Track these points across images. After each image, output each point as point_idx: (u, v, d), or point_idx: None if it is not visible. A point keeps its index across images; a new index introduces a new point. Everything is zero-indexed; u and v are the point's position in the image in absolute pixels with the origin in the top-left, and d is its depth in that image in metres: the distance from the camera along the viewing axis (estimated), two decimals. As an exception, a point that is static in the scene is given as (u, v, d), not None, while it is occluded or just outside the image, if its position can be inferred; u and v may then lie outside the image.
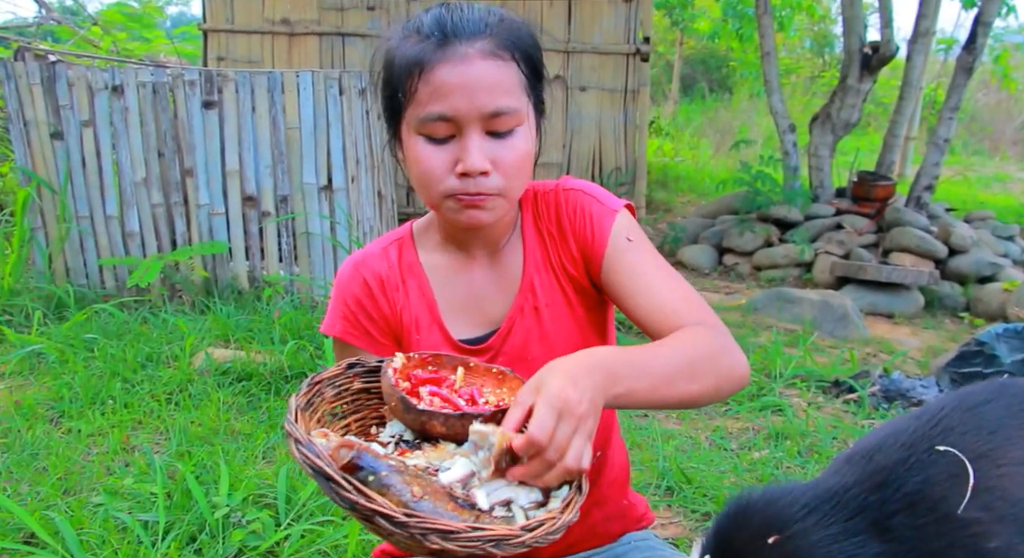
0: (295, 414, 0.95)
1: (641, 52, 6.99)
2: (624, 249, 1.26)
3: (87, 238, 4.66)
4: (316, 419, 1.05)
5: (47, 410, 3.28)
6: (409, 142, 1.19)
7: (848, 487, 0.97)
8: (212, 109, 4.45)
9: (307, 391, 1.04)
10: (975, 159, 14.04)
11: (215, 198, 4.57)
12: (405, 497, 0.83)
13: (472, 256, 1.33)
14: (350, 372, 1.14)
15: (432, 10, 1.18)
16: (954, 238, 5.89)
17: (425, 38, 1.15)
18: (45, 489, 2.61)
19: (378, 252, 1.35)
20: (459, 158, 1.14)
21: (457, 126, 1.14)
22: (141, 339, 3.89)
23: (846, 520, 0.94)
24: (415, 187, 1.24)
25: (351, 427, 1.12)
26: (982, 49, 6.26)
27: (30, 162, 4.53)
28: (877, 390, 3.70)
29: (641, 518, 1.53)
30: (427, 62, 1.13)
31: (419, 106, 1.14)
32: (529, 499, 0.91)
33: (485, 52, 1.13)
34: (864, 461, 1.02)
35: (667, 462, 2.91)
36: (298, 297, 4.52)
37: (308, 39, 7.22)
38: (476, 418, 0.99)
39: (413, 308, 1.32)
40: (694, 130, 13.75)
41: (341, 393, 1.12)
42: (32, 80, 4.42)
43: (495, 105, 1.13)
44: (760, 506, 0.99)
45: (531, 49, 1.19)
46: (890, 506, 0.94)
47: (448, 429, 1.01)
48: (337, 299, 1.34)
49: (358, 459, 0.85)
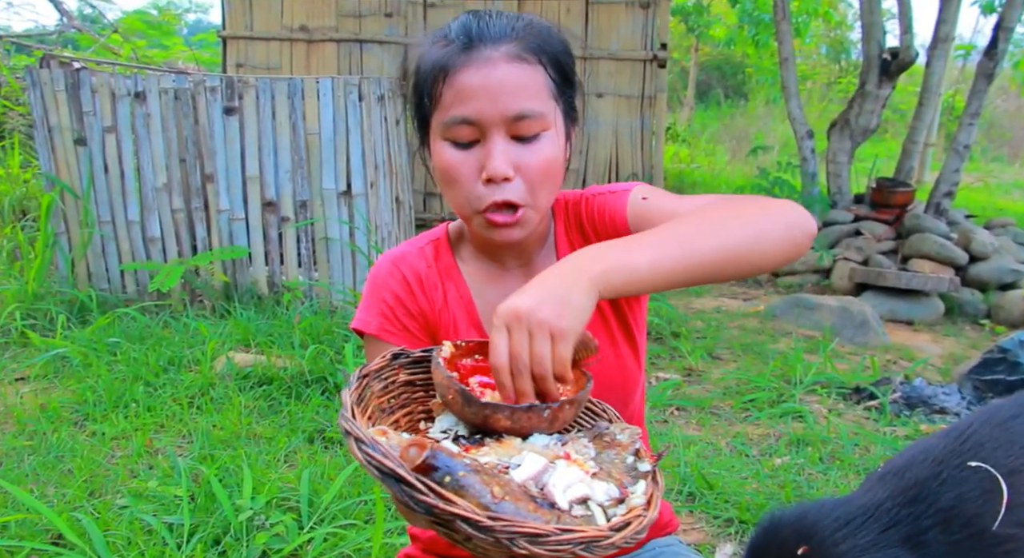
0: (351, 410, 0.88)
1: (658, 58, 6.99)
2: (642, 207, 1.23)
3: (109, 243, 4.70)
4: (367, 416, 0.98)
5: (71, 413, 3.31)
6: (436, 148, 1.18)
7: (880, 502, 0.96)
8: (233, 115, 4.49)
9: (357, 385, 0.97)
10: (994, 166, 13.96)
11: (235, 203, 4.60)
12: (485, 499, 0.76)
13: (506, 267, 1.32)
14: (395, 363, 1.07)
15: (460, 17, 1.18)
16: (975, 244, 5.85)
17: (450, 43, 1.14)
18: (71, 491, 2.63)
19: (415, 251, 1.33)
20: (483, 164, 1.13)
21: (481, 130, 1.12)
22: (163, 343, 3.92)
23: (878, 533, 0.93)
24: (444, 194, 1.22)
25: (400, 423, 1.05)
26: (1003, 54, 6.23)
27: (54, 168, 4.58)
28: (898, 397, 3.68)
29: (666, 524, 1.53)
30: (451, 66, 1.12)
31: (443, 110, 1.13)
32: (607, 495, 0.86)
33: (510, 55, 1.12)
34: (896, 478, 1.01)
35: (688, 468, 2.90)
36: (317, 302, 4.54)
37: (326, 46, 7.26)
38: (544, 410, 0.94)
39: (452, 310, 1.30)
40: (710, 136, 13.74)
41: (388, 386, 1.05)
42: (57, 87, 4.47)
43: (519, 108, 1.11)
44: (791, 519, 0.98)
45: (560, 54, 1.18)
46: (923, 521, 0.93)
47: (514, 423, 0.95)
48: (373, 295, 1.30)
49: (432, 458, 0.77)
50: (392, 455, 0.77)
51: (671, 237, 1.01)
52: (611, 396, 1.30)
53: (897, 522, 0.94)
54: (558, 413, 0.95)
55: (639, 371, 1.37)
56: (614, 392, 1.31)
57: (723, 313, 5.44)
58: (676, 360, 4.29)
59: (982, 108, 6.38)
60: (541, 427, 0.97)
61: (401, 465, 0.76)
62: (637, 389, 1.38)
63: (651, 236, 1.02)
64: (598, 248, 1.00)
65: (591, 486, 0.86)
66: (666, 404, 3.63)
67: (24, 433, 3.12)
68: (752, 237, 1.04)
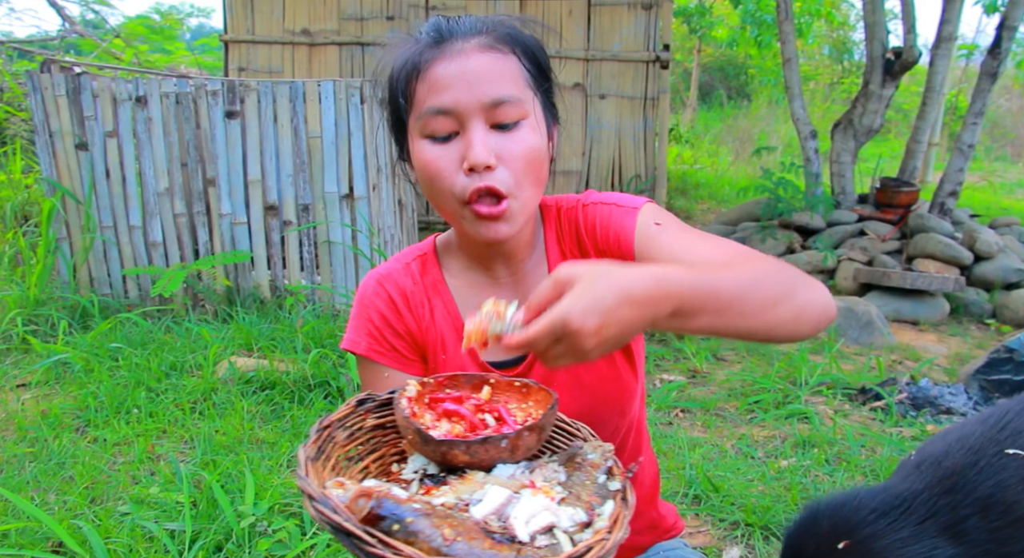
0: (305, 466, 0.87)
1: (661, 59, 6.97)
2: (654, 234, 1.19)
3: (111, 248, 4.69)
4: (331, 467, 0.97)
5: (73, 419, 3.29)
6: (415, 149, 1.14)
7: (918, 492, 0.96)
8: (234, 119, 4.48)
9: (316, 438, 0.96)
10: (997, 165, 13.92)
11: (237, 207, 4.59)
12: (436, 542, 0.75)
13: (496, 277, 1.28)
14: (361, 409, 1.06)
15: (430, 19, 1.16)
16: (979, 244, 5.82)
17: (419, 42, 1.13)
18: (72, 498, 2.62)
19: (401, 268, 1.30)
20: (463, 154, 1.10)
21: (459, 120, 1.09)
22: (165, 348, 3.91)
23: (917, 524, 0.92)
24: (428, 197, 1.18)
25: (370, 469, 1.04)
26: (1007, 53, 6.20)
27: (55, 173, 4.57)
28: (905, 398, 3.65)
29: (671, 527, 1.51)
30: (423, 61, 1.11)
31: (419, 106, 1.11)
32: (572, 520, 0.84)
33: (482, 46, 1.11)
34: (933, 467, 1.01)
35: (694, 470, 2.88)
36: (320, 306, 4.53)
37: (328, 49, 7.25)
38: (501, 440, 0.93)
39: (439, 327, 1.27)
40: (713, 137, 13.71)
41: (354, 434, 1.04)
42: (57, 91, 4.46)
43: (496, 93, 1.09)
44: (829, 512, 0.97)
45: (532, 46, 1.16)
46: (962, 510, 0.93)
47: (472, 457, 0.94)
48: (360, 315, 1.28)
49: (379, 508, 0.77)
50: (342, 509, 0.77)
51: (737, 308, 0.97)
52: (607, 409, 1.29)
53: (935, 512, 0.93)
54: (517, 441, 0.94)
55: (636, 381, 1.33)
56: (610, 405, 1.29)
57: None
58: (681, 362, 4.27)
59: (986, 107, 6.35)
60: (502, 457, 0.95)
61: (349, 519, 0.76)
62: (634, 399, 1.34)
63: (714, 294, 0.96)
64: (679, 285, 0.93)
65: (556, 513, 0.85)
66: (671, 406, 3.61)
67: (25, 440, 3.11)
68: (796, 316, 1.02)
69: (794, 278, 1.04)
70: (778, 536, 2.55)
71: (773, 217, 6.67)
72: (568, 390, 1.25)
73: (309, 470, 0.88)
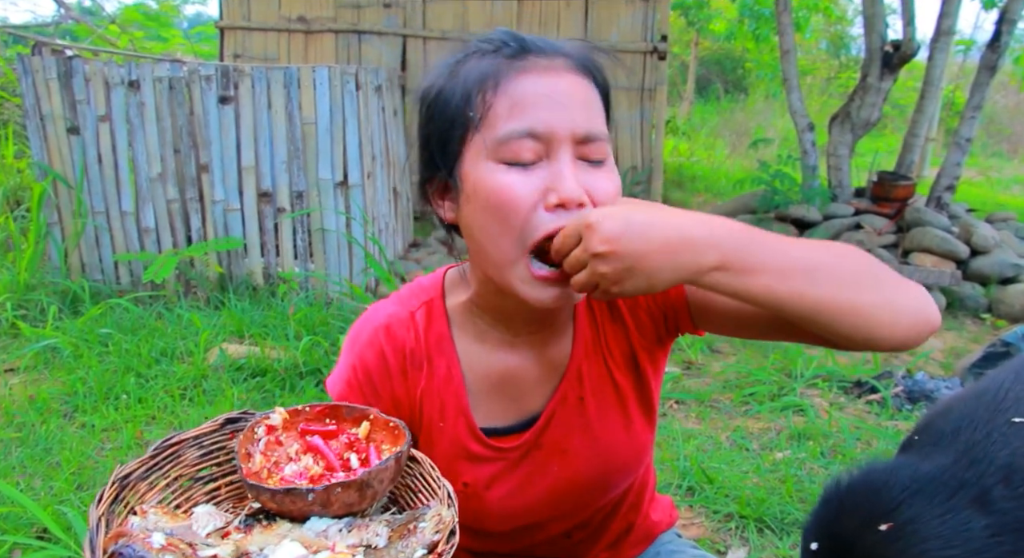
0: (111, 486, 0.84)
1: (658, 50, 6.94)
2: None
3: (103, 233, 4.65)
4: (166, 486, 0.93)
5: (61, 405, 3.26)
6: (480, 173, 0.96)
7: (944, 467, 0.96)
8: (228, 104, 4.43)
9: (151, 456, 0.92)
10: (993, 161, 13.91)
11: (230, 194, 4.55)
12: None
13: (514, 335, 1.13)
14: (228, 429, 1.00)
15: (494, 32, 1.01)
16: (976, 239, 5.80)
17: (493, 52, 0.98)
18: (58, 484, 2.59)
19: (405, 317, 1.15)
20: (550, 186, 0.93)
21: (546, 147, 0.94)
22: (156, 334, 3.87)
23: (948, 499, 0.92)
24: (482, 239, 0.98)
25: (221, 491, 0.99)
26: (1006, 47, 6.17)
27: (46, 157, 4.52)
28: (900, 391, 3.63)
29: (662, 521, 1.46)
30: (503, 72, 0.95)
31: (496, 125, 0.94)
32: None
33: (569, 66, 0.97)
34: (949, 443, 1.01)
35: (688, 462, 2.86)
36: (313, 293, 4.49)
37: (324, 37, 7.20)
38: (307, 494, 0.86)
39: (437, 392, 1.14)
40: (709, 130, 13.68)
41: (211, 453, 0.98)
42: (49, 75, 4.41)
43: (589, 126, 0.95)
44: (862, 491, 0.98)
45: (607, 83, 1.04)
46: (987, 480, 0.93)
47: (279, 505, 0.88)
48: (348, 358, 1.17)
49: (120, 554, 0.74)
50: (97, 547, 0.75)
51: (804, 266, 0.89)
52: (620, 475, 1.22)
53: (964, 485, 0.93)
54: (328, 497, 0.88)
55: (650, 440, 1.26)
56: (624, 471, 1.22)
57: (723, 307, 5.39)
58: (675, 353, 4.25)
59: (984, 101, 6.33)
60: (312, 511, 0.89)
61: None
62: (645, 458, 1.27)
63: (785, 252, 0.89)
64: (732, 233, 0.87)
65: None
66: (665, 398, 3.58)
67: (12, 425, 3.07)
68: (882, 305, 0.91)
69: (886, 268, 0.95)
70: (773, 528, 2.54)
71: (769, 210, 6.64)
72: (583, 459, 1.17)
73: (106, 493, 0.84)
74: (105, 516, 0.82)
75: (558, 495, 1.18)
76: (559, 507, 1.20)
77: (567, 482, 1.17)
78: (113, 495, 0.85)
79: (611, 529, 1.32)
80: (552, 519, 1.23)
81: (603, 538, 1.33)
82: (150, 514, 0.83)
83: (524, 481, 1.17)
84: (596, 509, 1.26)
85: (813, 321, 0.90)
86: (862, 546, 0.93)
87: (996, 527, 0.90)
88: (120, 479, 0.87)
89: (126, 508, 0.86)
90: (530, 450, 1.16)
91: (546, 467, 1.16)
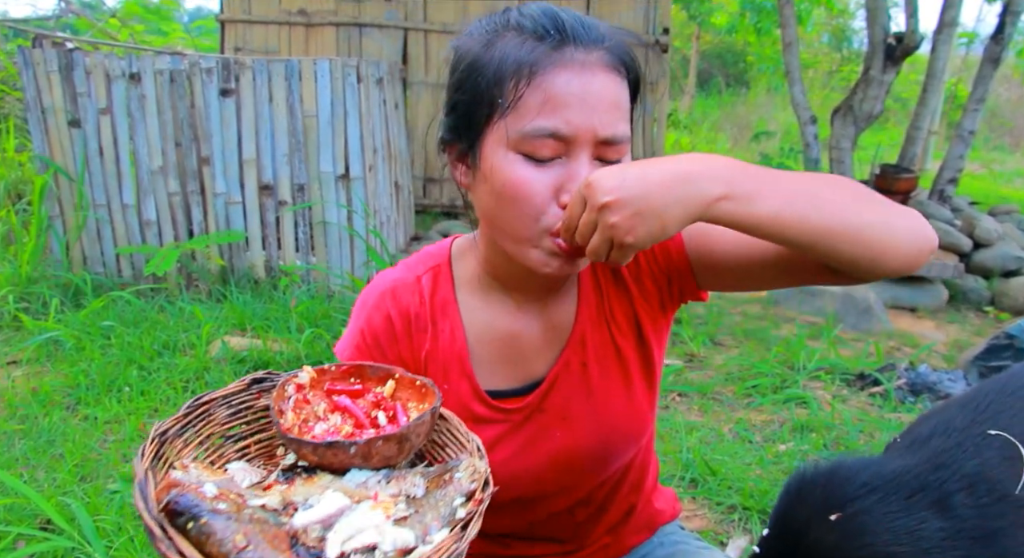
0: (151, 442, 0.84)
1: (660, 43, 6.92)
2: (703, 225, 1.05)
3: (104, 226, 4.65)
4: (199, 443, 0.94)
5: (64, 397, 3.26)
6: (499, 161, 0.98)
7: (908, 468, 0.97)
8: (229, 97, 4.42)
9: (184, 414, 0.93)
10: (996, 154, 13.91)
11: (232, 187, 4.54)
12: (226, 547, 0.72)
13: (519, 301, 1.17)
14: (255, 389, 1.02)
15: (530, 6, 1.01)
16: (978, 231, 5.80)
17: (532, 35, 0.97)
18: (62, 475, 2.59)
19: (411, 281, 1.18)
20: (563, 185, 0.96)
21: (567, 147, 0.96)
22: (158, 327, 3.87)
23: (907, 498, 0.93)
24: (495, 216, 1.03)
25: (251, 449, 1.01)
26: (1009, 39, 6.16)
27: (48, 150, 4.51)
28: (903, 383, 3.63)
29: (664, 512, 1.46)
30: (540, 65, 0.95)
31: (524, 117, 0.95)
32: (395, 545, 0.78)
33: (605, 63, 0.97)
34: (920, 446, 1.02)
35: (691, 454, 2.86)
36: (315, 286, 4.49)
37: (325, 30, 7.18)
38: (350, 447, 0.88)
39: (442, 355, 1.17)
40: (711, 124, 13.68)
41: (240, 412, 1.00)
42: (50, 67, 4.40)
43: (613, 130, 0.96)
44: (821, 483, 0.97)
45: (639, 71, 1.04)
46: (950, 485, 0.93)
47: (320, 458, 0.90)
48: (356, 322, 1.20)
49: (176, 502, 0.73)
50: (150, 497, 0.74)
51: (804, 191, 0.92)
52: (623, 443, 1.23)
53: (924, 487, 0.94)
54: (369, 449, 0.89)
55: (652, 412, 1.27)
56: (626, 440, 1.23)
57: (725, 299, 5.38)
58: (678, 346, 4.24)
59: (987, 94, 6.31)
60: (353, 463, 0.91)
61: (151, 509, 0.73)
62: (650, 426, 1.28)
63: (784, 181, 0.92)
64: (729, 165, 0.90)
65: (384, 533, 0.79)
66: (668, 390, 3.58)
67: (15, 417, 3.08)
68: (882, 225, 0.93)
69: (879, 195, 0.97)
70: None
71: (772, 203, 6.63)
72: (585, 425, 1.18)
73: (147, 448, 0.84)
74: (150, 469, 0.81)
75: (560, 463, 1.19)
76: (561, 476, 1.21)
77: (569, 449, 1.18)
78: (154, 450, 0.85)
79: (612, 509, 1.32)
80: (554, 492, 1.23)
81: (605, 518, 1.33)
82: (191, 468, 0.84)
83: (526, 444, 1.18)
84: (598, 483, 1.26)
85: (819, 247, 0.93)
86: (811, 533, 0.94)
87: (952, 531, 0.90)
88: (159, 434, 0.87)
89: (165, 463, 0.87)
90: (533, 413, 1.17)
91: (549, 432, 1.18)
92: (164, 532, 0.71)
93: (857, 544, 0.90)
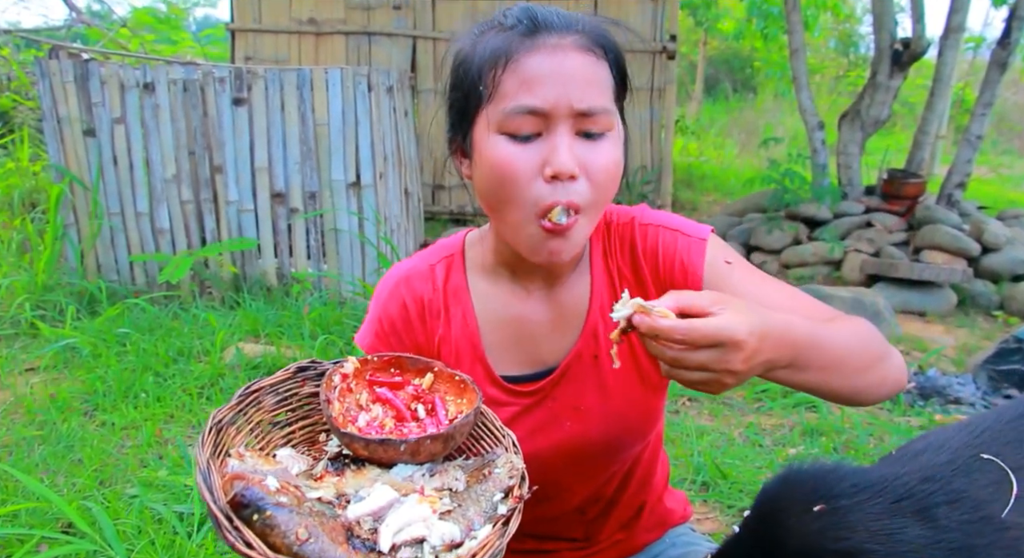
0: (209, 432, 0.87)
1: (668, 50, 6.96)
2: (726, 274, 1.14)
3: (118, 234, 4.69)
4: (250, 430, 0.97)
5: (81, 403, 3.30)
6: (486, 144, 1.04)
7: (897, 475, 0.99)
8: (242, 106, 4.47)
9: (237, 402, 0.96)
10: (1004, 158, 13.86)
11: (244, 195, 4.59)
12: (289, 539, 0.75)
13: (528, 288, 1.21)
14: (300, 376, 1.06)
15: (514, 7, 1.07)
16: (987, 236, 5.80)
17: (509, 28, 1.03)
18: (81, 480, 2.63)
19: (425, 270, 1.23)
20: (546, 159, 1.00)
21: (546, 122, 1.00)
22: (172, 334, 3.91)
23: (891, 503, 0.95)
24: (491, 201, 1.07)
25: (295, 434, 1.05)
26: (1016, 43, 6.16)
27: (63, 159, 4.57)
28: (913, 387, 3.65)
29: (680, 517, 1.49)
30: (514, 51, 1.01)
31: (503, 99, 1.01)
32: (442, 539, 0.82)
33: (579, 45, 1.02)
34: (913, 459, 1.05)
35: (702, 457, 2.88)
36: (327, 293, 4.53)
37: (335, 38, 7.24)
38: (400, 445, 0.93)
39: (454, 340, 1.21)
40: (718, 130, 13.68)
41: (286, 399, 1.04)
42: (65, 78, 4.46)
43: (589, 102, 1.00)
44: (810, 477, 1.00)
45: (621, 55, 1.08)
46: (935, 497, 0.96)
47: (371, 453, 0.94)
48: (373, 313, 1.25)
49: (241, 496, 0.76)
50: (217, 488, 0.77)
51: (839, 367, 1.02)
52: (631, 437, 1.25)
53: (910, 495, 0.96)
54: (417, 448, 0.94)
55: (661, 408, 1.30)
56: (634, 434, 1.25)
57: (734, 305, 5.40)
58: (687, 351, 4.26)
59: (995, 98, 6.32)
60: (401, 459, 0.95)
61: (218, 500, 0.76)
62: (658, 422, 1.32)
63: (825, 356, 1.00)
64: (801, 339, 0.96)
65: (431, 526, 0.83)
66: (678, 395, 3.60)
67: (34, 423, 3.12)
68: (879, 382, 1.07)
69: (884, 343, 1.09)
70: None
71: (780, 208, 6.65)
72: (595, 416, 1.21)
73: (207, 437, 0.88)
74: (211, 459, 0.85)
75: (569, 451, 1.22)
76: (569, 465, 1.23)
77: (578, 438, 1.21)
78: (212, 439, 0.89)
79: (622, 506, 1.35)
80: (565, 484, 1.26)
81: (615, 515, 1.36)
82: (247, 457, 0.87)
83: (536, 429, 1.21)
84: (605, 478, 1.29)
85: (821, 396, 1.06)
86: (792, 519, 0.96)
87: (931, 540, 0.92)
88: (216, 423, 0.91)
89: (221, 451, 0.90)
90: (544, 399, 1.21)
91: (559, 421, 1.21)
92: (231, 522, 0.74)
93: (835, 536, 0.92)
